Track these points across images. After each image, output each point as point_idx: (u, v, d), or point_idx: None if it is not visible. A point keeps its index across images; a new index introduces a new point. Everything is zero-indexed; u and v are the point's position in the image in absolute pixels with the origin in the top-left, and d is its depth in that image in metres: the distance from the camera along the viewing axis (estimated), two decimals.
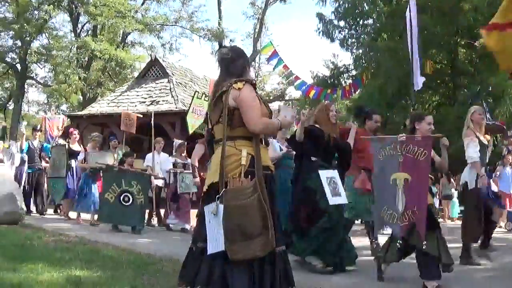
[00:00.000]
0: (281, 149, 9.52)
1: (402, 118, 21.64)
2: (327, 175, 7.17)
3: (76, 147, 13.87)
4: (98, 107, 21.14)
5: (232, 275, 4.01)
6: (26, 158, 14.98)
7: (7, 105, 43.49)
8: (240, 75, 4.44)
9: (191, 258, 4.34)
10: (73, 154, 13.61)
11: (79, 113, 22.61)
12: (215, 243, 4.05)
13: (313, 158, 7.32)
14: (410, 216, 5.96)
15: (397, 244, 6.36)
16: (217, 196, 4.10)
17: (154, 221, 13.31)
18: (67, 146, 13.84)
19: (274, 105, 42.09)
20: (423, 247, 5.99)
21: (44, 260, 6.46)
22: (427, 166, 6.12)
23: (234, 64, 4.52)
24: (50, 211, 15.09)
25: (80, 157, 13.17)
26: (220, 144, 4.30)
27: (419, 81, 12.65)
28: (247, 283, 4.01)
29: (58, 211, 14.96)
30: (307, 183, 7.24)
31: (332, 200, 7.00)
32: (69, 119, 21.34)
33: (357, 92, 22.81)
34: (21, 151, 14.85)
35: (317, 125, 7.48)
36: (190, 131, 14.09)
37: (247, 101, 4.26)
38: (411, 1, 12.62)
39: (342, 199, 7.21)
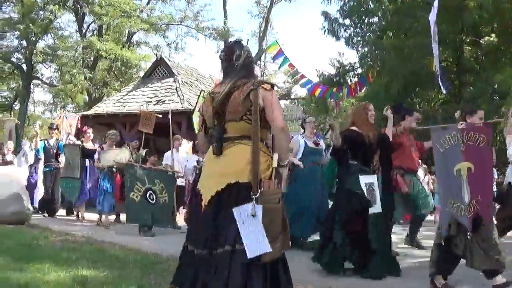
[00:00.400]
0: (306, 145, 9.54)
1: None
2: (366, 181, 6.99)
3: (90, 146, 13.59)
4: (104, 107, 21.15)
5: (251, 277, 3.94)
6: (42, 156, 14.80)
7: (13, 105, 43.49)
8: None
9: (192, 262, 4.17)
10: (87, 154, 13.35)
11: (85, 113, 22.60)
12: (257, 245, 3.92)
13: (351, 162, 7.10)
14: (475, 206, 5.82)
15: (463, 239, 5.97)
16: (253, 197, 3.97)
17: None
18: (80, 146, 13.50)
19: (281, 104, 42.19)
20: (494, 238, 5.85)
21: (50, 260, 6.49)
22: (489, 153, 5.96)
23: (252, 65, 4.57)
24: (61, 212, 14.92)
25: (96, 156, 12.78)
26: (237, 143, 4.24)
27: (443, 84, 12.54)
28: (262, 284, 3.94)
29: (74, 212, 14.53)
30: (347, 187, 7.02)
31: (369, 210, 6.89)
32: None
33: (363, 90, 22.77)
34: (37, 151, 14.67)
35: (354, 128, 7.28)
36: (197, 131, 14.10)
37: (276, 102, 4.27)
38: (435, 2, 12.47)
39: (377, 208, 7.00)
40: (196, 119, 13.93)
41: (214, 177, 4.24)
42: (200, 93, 14.71)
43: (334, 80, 24.82)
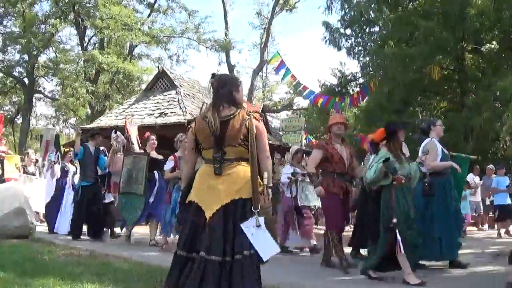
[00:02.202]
0: (443, 151, 8.55)
1: (410, 125, 21.58)
2: None
3: (154, 154, 11.62)
4: (106, 120, 21.16)
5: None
6: (69, 168, 13.42)
7: (15, 119, 43.60)
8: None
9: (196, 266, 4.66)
10: (153, 164, 11.32)
11: (88, 126, 22.60)
12: (268, 249, 4.70)
13: None
14: None
15: None
16: (256, 211, 4.71)
17: None
18: (149, 155, 11.39)
19: (282, 115, 42.21)
20: None
21: (55, 274, 6.46)
22: None
23: (239, 94, 5.18)
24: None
25: (169, 165, 10.48)
26: (236, 164, 4.92)
27: None
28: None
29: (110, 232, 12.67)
30: None
31: None
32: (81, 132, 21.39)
33: (365, 100, 22.78)
34: (75, 155, 12.40)
35: None
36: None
37: (264, 131, 5.05)
38: None
39: None
40: None
41: (216, 193, 4.84)
42: (203, 105, 14.62)
43: (336, 90, 24.86)
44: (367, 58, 23.20)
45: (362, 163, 10.69)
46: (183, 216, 5.10)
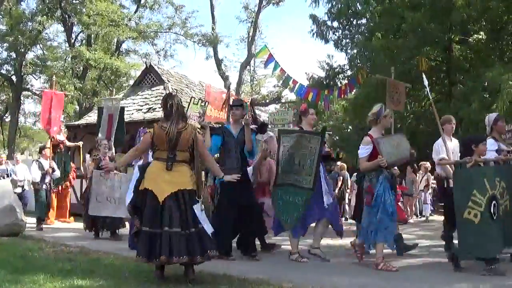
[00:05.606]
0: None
1: (397, 116, 21.63)
2: None
3: None
4: (94, 117, 21.09)
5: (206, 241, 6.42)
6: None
7: (4, 117, 43.45)
8: None
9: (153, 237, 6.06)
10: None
11: (76, 122, 22.54)
12: (209, 227, 6.37)
13: None
14: None
15: None
16: (200, 199, 6.45)
17: None
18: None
19: (271, 108, 42.20)
20: None
21: (45, 271, 6.48)
22: None
23: (184, 110, 6.99)
24: None
25: (366, 151, 7.68)
26: (182, 164, 6.45)
27: None
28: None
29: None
30: None
31: None
32: (66, 129, 21.29)
33: (353, 92, 22.78)
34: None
35: None
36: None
37: (203, 142, 7.01)
38: None
39: None
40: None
41: (166, 183, 6.30)
42: (191, 100, 14.59)
43: (324, 82, 24.87)
44: (355, 51, 23.26)
45: None
46: (140, 200, 6.35)
